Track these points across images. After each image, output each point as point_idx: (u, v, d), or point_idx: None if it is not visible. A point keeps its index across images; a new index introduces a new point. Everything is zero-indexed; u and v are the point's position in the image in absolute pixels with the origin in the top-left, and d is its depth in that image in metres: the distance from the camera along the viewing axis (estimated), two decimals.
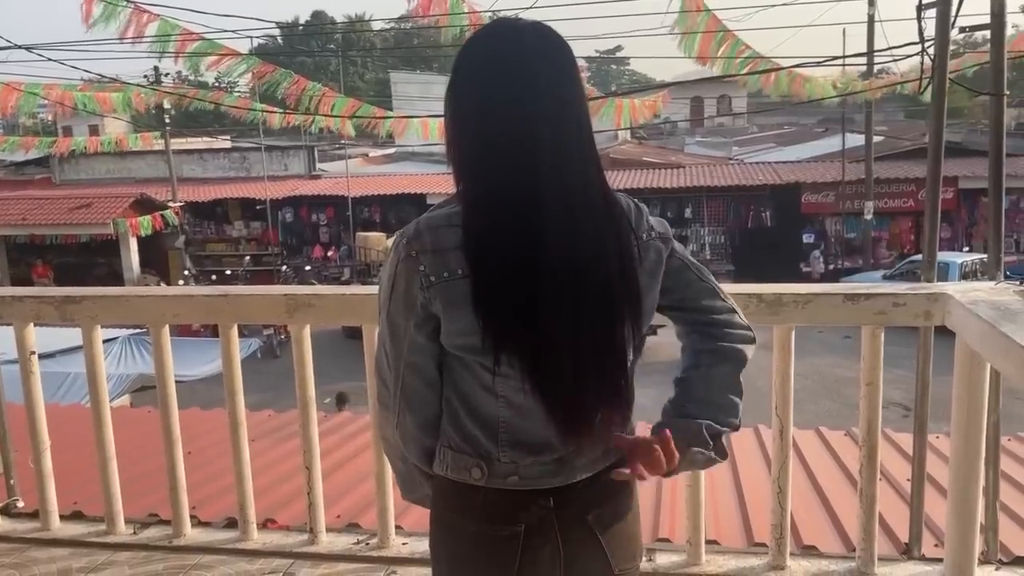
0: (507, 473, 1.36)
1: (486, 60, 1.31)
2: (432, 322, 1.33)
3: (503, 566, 1.37)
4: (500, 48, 1.31)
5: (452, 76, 1.33)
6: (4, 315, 3.16)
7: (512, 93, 1.27)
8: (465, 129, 1.33)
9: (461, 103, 1.32)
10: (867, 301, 2.52)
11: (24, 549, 3.13)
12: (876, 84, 8.03)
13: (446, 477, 1.40)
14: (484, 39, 1.34)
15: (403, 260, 1.34)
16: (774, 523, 2.72)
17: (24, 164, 29.48)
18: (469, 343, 1.30)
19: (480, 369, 1.32)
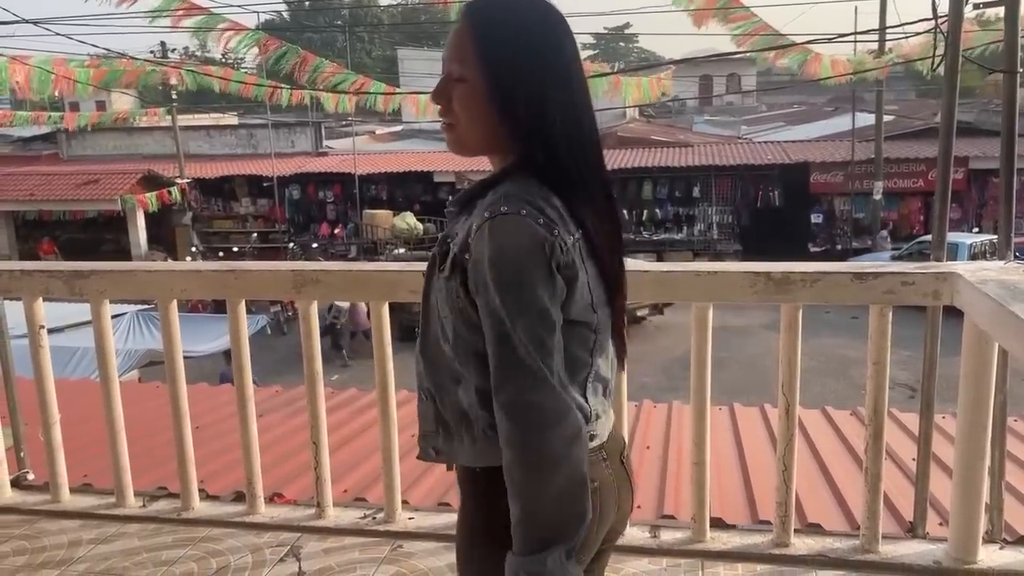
0: (603, 428, 1.42)
1: (547, 34, 1.32)
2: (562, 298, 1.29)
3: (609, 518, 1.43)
4: (560, 23, 1.34)
5: (524, 54, 1.29)
6: (13, 289, 3.18)
7: (576, 69, 1.33)
8: (547, 98, 1.30)
9: (537, 71, 1.29)
10: (875, 280, 2.51)
11: (34, 521, 3.16)
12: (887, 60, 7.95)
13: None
14: (531, 14, 1.32)
15: (544, 239, 1.23)
16: (779, 501, 2.73)
17: (31, 140, 29.49)
18: (584, 307, 1.31)
19: (586, 331, 1.34)
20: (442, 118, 1.35)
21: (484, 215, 1.25)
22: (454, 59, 1.32)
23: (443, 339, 1.35)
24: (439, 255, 1.34)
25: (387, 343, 2.92)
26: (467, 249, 1.27)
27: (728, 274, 2.65)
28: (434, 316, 1.37)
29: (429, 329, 1.39)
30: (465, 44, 1.31)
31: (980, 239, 17.21)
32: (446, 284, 1.31)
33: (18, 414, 3.48)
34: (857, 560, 2.66)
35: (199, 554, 2.90)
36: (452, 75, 1.32)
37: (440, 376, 1.38)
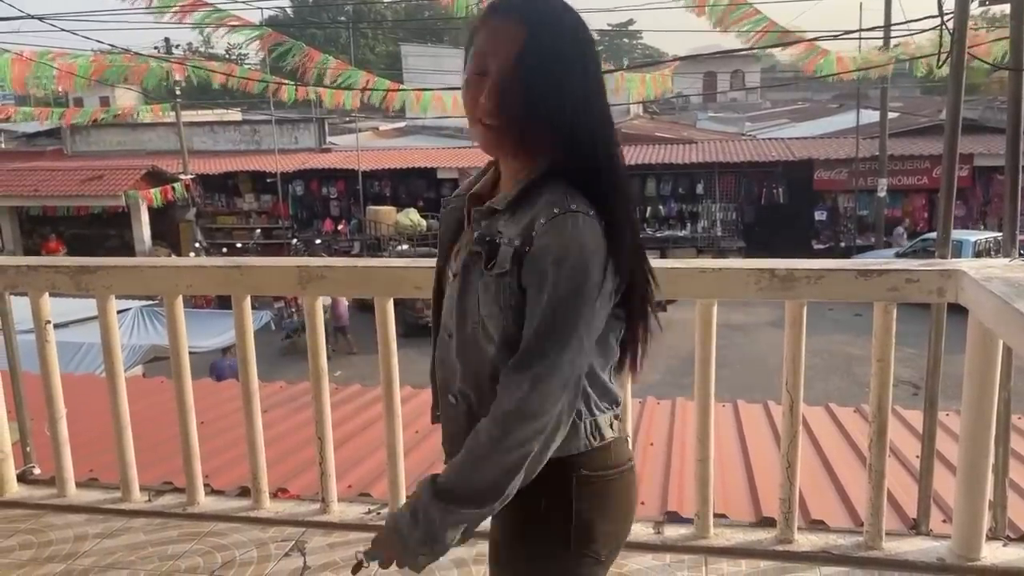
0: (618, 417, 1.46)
1: (588, 42, 1.33)
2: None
3: (635, 503, 1.50)
4: (587, 33, 1.35)
5: (569, 56, 1.30)
6: (20, 284, 3.19)
7: (601, 76, 1.36)
8: (590, 106, 1.32)
9: (581, 79, 1.30)
10: (880, 277, 2.51)
11: (41, 515, 3.18)
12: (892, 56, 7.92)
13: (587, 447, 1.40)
14: (574, 19, 1.33)
15: (604, 242, 1.28)
16: (782, 498, 2.74)
17: (36, 135, 29.54)
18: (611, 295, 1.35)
19: (619, 322, 1.39)
20: (477, 115, 1.32)
21: (553, 210, 1.27)
22: (498, 56, 1.29)
23: (485, 339, 1.35)
24: (484, 253, 1.33)
25: (392, 339, 2.92)
26: (529, 242, 1.28)
27: (732, 271, 2.65)
28: (471, 316, 1.35)
29: (465, 330, 1.37)
30: (513, 43, 1.28)
31: (985, 236, 17.16)
32: (497, 281, 1.31)
33: (24, 409, 3.50)
34: (861, 557, 2.67)
35: (204, 548, 2.91)
36: (497, 73, 1.29)
37: (479, 377, 1.37)
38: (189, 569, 2.79)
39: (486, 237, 1.34)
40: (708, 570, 2.67)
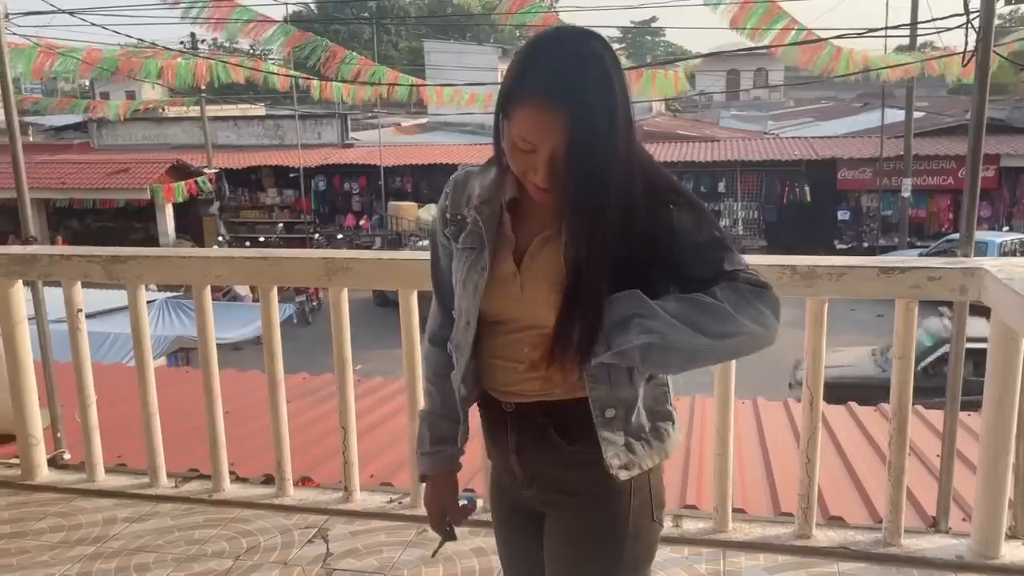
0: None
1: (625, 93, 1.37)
2: None
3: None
4: (623, 81, 1.39)
5: (620, 73, 1.35)
6: (54, 274, 3.26)
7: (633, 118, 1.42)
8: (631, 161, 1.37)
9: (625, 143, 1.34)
10: (902, 275, 2.52)
11: (71, 499, 3.26)
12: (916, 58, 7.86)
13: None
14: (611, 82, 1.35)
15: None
16: (801, 493, 2.75)
17: (63, 129, 29.91)
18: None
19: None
20: (529, 178, 1.36)
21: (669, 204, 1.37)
22: (545, 139, 1.31)
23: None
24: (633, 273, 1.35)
25: (416, 331, 2.96)
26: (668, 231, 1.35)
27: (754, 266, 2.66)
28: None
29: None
30: (558, 128, 1.29)
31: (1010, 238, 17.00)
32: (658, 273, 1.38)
33: (56, 396, 3.57)
34: (879, 553, 2.68)
35: (230, 534, 2.97)
36: (547, 152, 1.31)
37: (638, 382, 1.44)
38: (215, 554, 2.84)
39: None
40: (726, 563, 2.69)
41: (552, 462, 1.48)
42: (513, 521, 1.65)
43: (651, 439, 1.47)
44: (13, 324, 3.32)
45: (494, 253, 1.47)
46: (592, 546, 1.49)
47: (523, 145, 1.34)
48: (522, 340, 1.45)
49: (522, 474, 1.54)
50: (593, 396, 1.41)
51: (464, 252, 1.49)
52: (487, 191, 1.49)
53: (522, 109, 1.33)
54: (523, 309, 1.45)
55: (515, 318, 1.47)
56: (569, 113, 1.29)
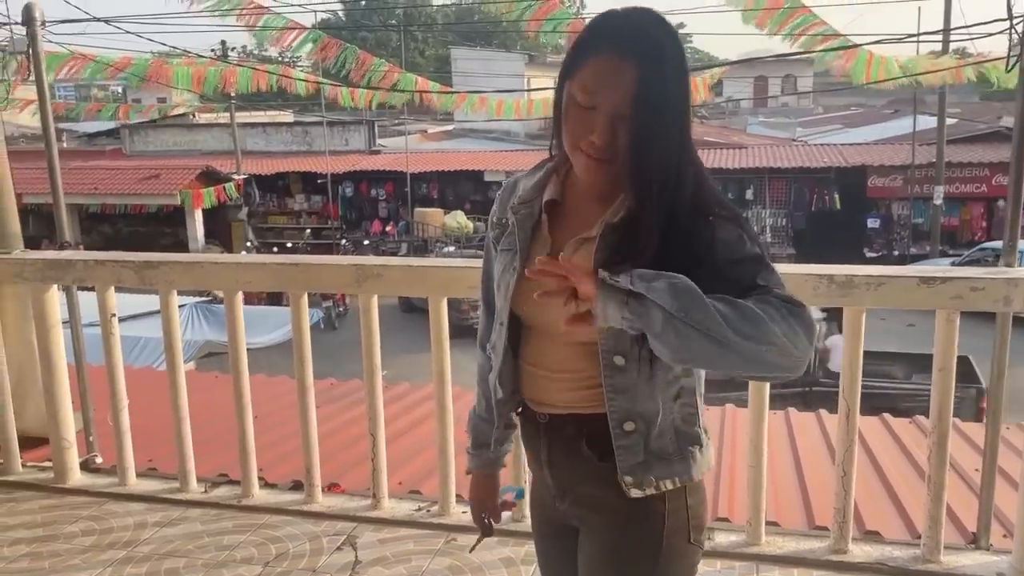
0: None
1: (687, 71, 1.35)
2: None
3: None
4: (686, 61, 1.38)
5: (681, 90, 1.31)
6: (88, 279, 3.29)
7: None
8: (688, 140, 1.35)
9: (684, 115, 1.32)
10: (943, 285, 2.46)
11: (102, 502, 3.28)
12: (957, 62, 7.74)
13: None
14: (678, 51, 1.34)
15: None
16: (837, 507, 2.70)
17: (96, 135, 30.36)
18: None
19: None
20: (584, 147, 1.29)
21: (709, 216, 1.30)
22: (610, 95, 1.26)
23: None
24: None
25: (445, 338, 2.95)
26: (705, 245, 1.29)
27: (789, 276, 2.62)
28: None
29: (644, 351, 1.31)
30: (626, 83, 1.25)
31: None
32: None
33: (88, 399, 3.60)
34: (918, 570, 2.62)
35: (259, 540, 2.97)
36: (611, 111, 1.27)
37: (661, 398, 1.37)
38: (244, 560, 2.85)
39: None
40: None
41: (583, 477, 1.45)
42: (549, 534, 1.62)
43: (674, 460, 1.40)
44: (48, 328, 3.35)
45: (527, 255, 1.45)
46: (625, 566, 1.45)
47: (584, 99, 1.28)
48: (554, 346, 1.44)
49: (555, 487, 1.51)
50: (611, 407, 1.37)
51: (502, 254, 1.49)
52: (528, 193, 1.48)
53: (588, 63, 1.29)
54: (555, 314, 1.42)
55: (547, 323, 1.44)
56: (640, 67, 1.25)
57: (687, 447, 1.41)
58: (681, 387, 1.40)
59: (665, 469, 1.39)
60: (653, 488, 1.39)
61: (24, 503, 3.28)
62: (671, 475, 1.40)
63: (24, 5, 3.42)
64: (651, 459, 1.38)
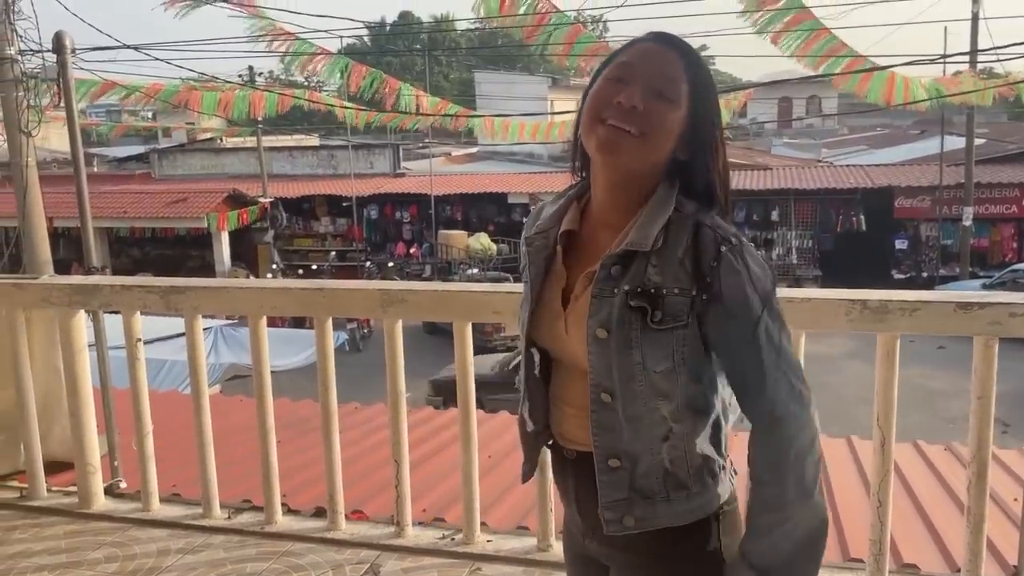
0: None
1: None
2: None
3: None
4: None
5: (716, 98, 1.36)
6: (114, 303, 3.30)
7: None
8: (722, 153, 1.38)
9: (721, 124, 1.36)
10: (981, 310, 2.40)
11: (126, 528, 3.26)
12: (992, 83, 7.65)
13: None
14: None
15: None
16: (872, 538, 2.62)
17: (126, 160, 30.90)
18: None
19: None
20: (627, 122, 1.29)
21: (720, 248, 1.27)
22: (664, 77, 1.30)
23: (657, 396, 1.31)
24: (648, 306, 1.28)
25: (470, 363, 2.92)
26: (705, 287, 1.27)
27: (821, 301, 2.57)
28: (637, 374, 1.30)
29: (631, 389, 1.31)
30: (677, 70, 1.31)
31: None
32: (670, 334, 1.29)
33: (113, 424, 3.61)
34: None
35: (281, 568, 2.94)
36: (660, 91, 1.30)
37: (645, 438, 1.33)
38: None
39: (638, 288, 1.28)
40: None
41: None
42: (579, 571, 1.58)
43: (658, 502, 1.35)
44: (74, 353, 3.36)
45: (540, 289, 1.43)
46: None
47: (618, 73, 1.32)
48: (571, 381, 1.41)
49: (583, 524, 1.48)
50: (596, 442, 1.35)
51: (524, 286, 1.49)
52: (545, 222, 1.45)
53: (629, 49, 1.34)
54: (569, 350, 1.39)
55: (565, 358, 1.42)
56: (684, 58, 1.32)
57: (674, 491, 1.35)
58: (670, 430, 1.33)
59: (648, 509, 1.35)
60: (634, 527, 1.35)
61: (48, 528, 3.27)
62: (654, 516, 1.35)
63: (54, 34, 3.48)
64: (635, 497, 1.35)
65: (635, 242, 1.29)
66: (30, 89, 3.99)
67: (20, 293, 3.38)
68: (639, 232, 1.29)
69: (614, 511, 1.35)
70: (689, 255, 1.27)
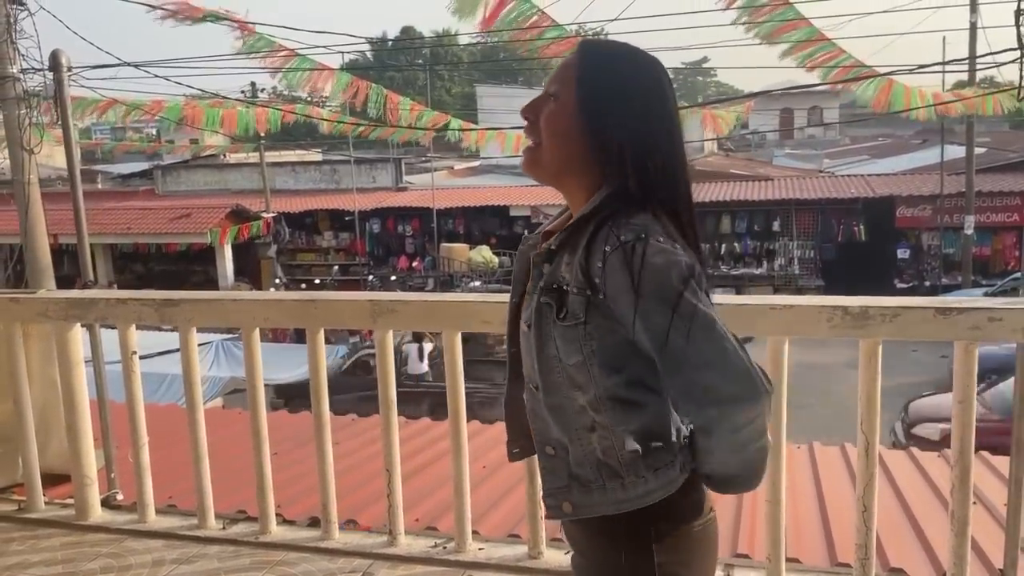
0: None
1: (660, 84, 1.37)
2: None
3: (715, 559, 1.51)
4: (663, 76, 1.38)
5: (623, 93, 1.33)
6: (109, 317, 3.34)
7: (674, 110, 1.39)
8: (657, 147, 1.34)
9: (649, 123, 1.34)
10: (960, 315, 2.43)
11: (122, 539, 3.29)
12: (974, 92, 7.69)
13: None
14: (649, 64, 1.37)
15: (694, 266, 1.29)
16: (858, 543, 2.64)
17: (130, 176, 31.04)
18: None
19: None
20: (527, 136, 1.38)
21: (604, 248, 1.25)
22: (554, 80, 1.37)
23: (573, 387, 1.33)
24: (554, 303, 1.31)
25: (459, 373, 2.95)
26: (594, 287, 1.27)
27: (803, 308, 2.60)
28: (555, 367, 1.33)
29: (551, 380, 1.34)
30: (568, 68, 1.36)
31: None
32: (574, 330, 1.30)
33: (110, 437, 3.64)
34: None
35: None
36: (547, 91, 1.37)
37: (571, 427, 1.36)
38: None
39: (552, 285, 1.32)
40: None
41: (569, 522, 1.45)
42: None
43: (593, 490, 1.35)
44: (71, 366, 3.41)
45: (522, 289, 1.48)
46: None
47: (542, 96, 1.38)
48: None
49: (565, 533, 1.53)
50: (534, 431, 1.41)
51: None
52: (533, 237, 1.51)
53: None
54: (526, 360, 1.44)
55: None
56: (579, 51, 1.36)
57: (608, 479, 1.35)
58: (594, 420, 1.34)
59: (584, 497, 1.37)
60: (572, 514, 1.38)
61: (45, 540, 3.31)
62: (590, 503, 1.36)
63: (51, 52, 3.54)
64: (573, 484, 1.37)
65: (556, 240, 1.35)
66: (32, 107, 4.05)
67: (17, 307, 3.43)
68: (566, 231, 1.34)
69: (554, 497, 1.40)
70: (583, 255, 1.29)
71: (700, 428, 1.33)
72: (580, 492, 1.37)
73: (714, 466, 1.36)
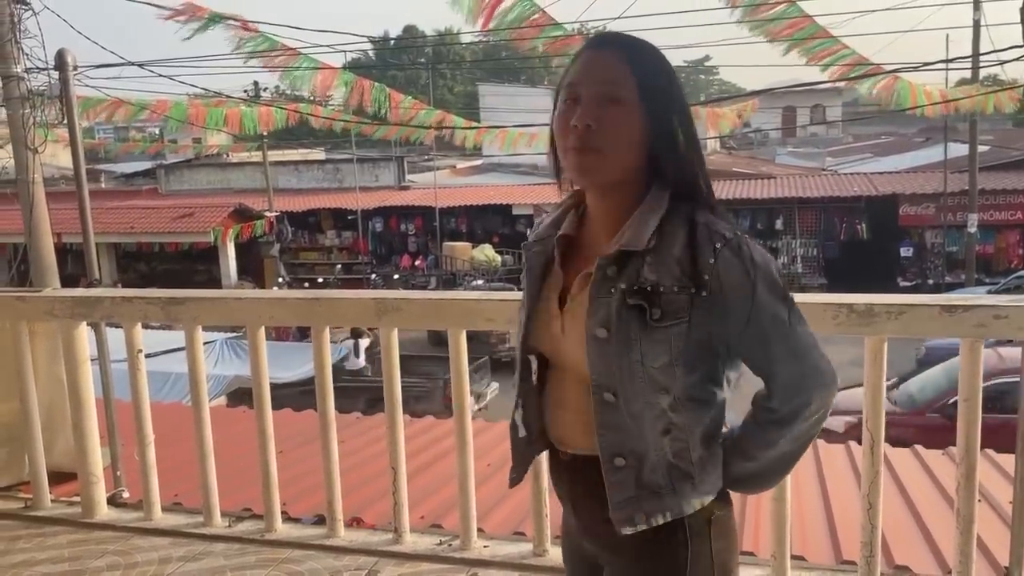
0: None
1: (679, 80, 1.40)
2: None
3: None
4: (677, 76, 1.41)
5: (674, 85, 1.36)
6: (115, 315, 3.35)
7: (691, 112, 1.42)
8: (698, 145, 1.40)
9: (691, 122, 1.37)
10: (965, 313, 2.43)
11: (128, 537, 3.30)
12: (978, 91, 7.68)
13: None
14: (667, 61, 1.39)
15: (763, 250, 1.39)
16: (864, 541, 2.64)
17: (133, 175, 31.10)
18: None
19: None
20: (584, 140, 1.31)
21: (715, 244, 1.29)
22: (608, 82, 1.31)
23: (656, 391, 1.33)
24: (646, 305, 1.30)
25: (464, 372, 2.96)
26: (702, 284, 1.29)
27: (808, 305, 2.58)
28: (637, 371, 1.32)
29: (632, 387, 1.33)
30: (621, 69, 1.32)
31: None
32: (667, 331, 1.30)
33: (116, 435, 3.65)
34: None
35: (280, 574, 2.97)
36: (608, 96, 1.31)
37: (648, 433, 1.35)
38: None
39: (636, 287, 1.30)
40: None
41: (603, 518, 1.40)
42: (577, 570, 1.61)
43: (664, 495, 1.36)
44: (77, 365, 3.41)
45: (538, 292, 1.47)
46: None
47: (568, 94, 1.35)
48: (567, 383, 1.44)
49: (577, 524, 1.51)
50: (602, 443, 1.36)
51: (523, 292, 1.53)
52: (544, 230, 1.51)
53: (571, 68, 1.37)
54: (565, 350, 1.43)
55: (559, 360, 1.45)
56: (622, 52, 1.33)
57: (679, 482, 1.37)
58: (671, 422, 1.35)
59: (655, 503, 1.36)
60: (644, 523, 1.36)
61: (52, 538, 3.32)
62: (661, 509, 1.36)
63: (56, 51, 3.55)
64: (642, 493, 1.36)
65: (629, 243, 1.32)
66: (36, 107, 4.06)
67: (24, 306, 3.44)
68: (633, 233, 1.32)
69: (623, 511, 1.36)
70: (686, 254, 1.29)
71: (782, 418, 1.38)
72: (651, 500, 1.36)
73: (760, 462, 1.44)
